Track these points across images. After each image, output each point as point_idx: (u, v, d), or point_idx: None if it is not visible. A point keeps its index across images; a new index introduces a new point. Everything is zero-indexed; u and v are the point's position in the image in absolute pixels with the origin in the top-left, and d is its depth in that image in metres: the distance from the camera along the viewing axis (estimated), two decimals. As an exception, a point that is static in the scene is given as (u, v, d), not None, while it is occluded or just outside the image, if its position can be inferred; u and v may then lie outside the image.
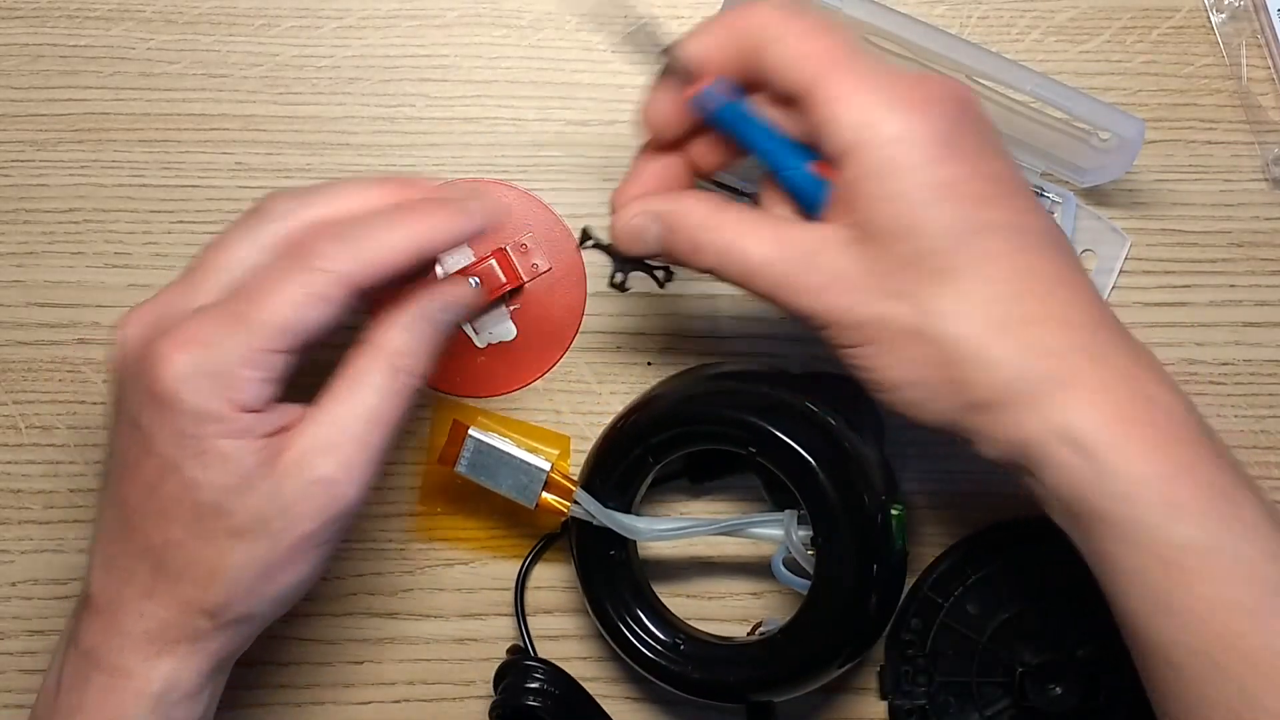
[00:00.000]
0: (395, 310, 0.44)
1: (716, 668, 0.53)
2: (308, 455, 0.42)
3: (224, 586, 0.42)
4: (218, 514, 0.41)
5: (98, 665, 0.43)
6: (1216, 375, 0.59)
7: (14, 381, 0.58)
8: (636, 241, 0.47)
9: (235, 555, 0.42)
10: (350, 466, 0.42)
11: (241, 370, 0.41)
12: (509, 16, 0.60)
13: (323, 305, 0.41)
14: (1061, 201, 0.59)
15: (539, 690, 0.54)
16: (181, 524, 0.42)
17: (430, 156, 0.59)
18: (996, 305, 0.41)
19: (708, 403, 0.53)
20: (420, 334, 0.44)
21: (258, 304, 0.41)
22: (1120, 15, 0.61)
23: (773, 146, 0.45)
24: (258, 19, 0.60)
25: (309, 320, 0.41)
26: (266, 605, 0.43)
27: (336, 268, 0.41)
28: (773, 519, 0.53)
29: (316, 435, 0.42)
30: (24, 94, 0.59)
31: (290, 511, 0.42)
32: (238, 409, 0.41)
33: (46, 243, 0.59)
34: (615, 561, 0.54)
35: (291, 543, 0.42)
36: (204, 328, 0.41)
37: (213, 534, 0.42)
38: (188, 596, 0.42)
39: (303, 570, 0.43)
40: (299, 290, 0.41)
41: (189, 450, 0.41)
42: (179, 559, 0.42)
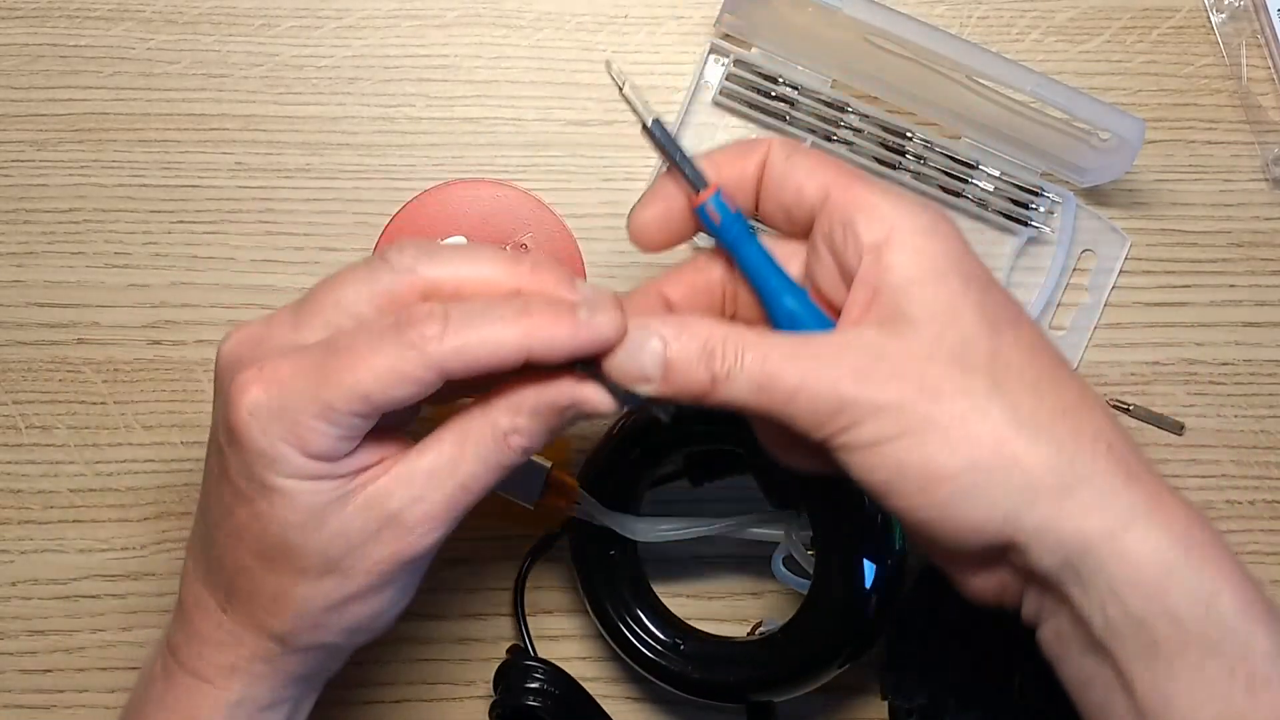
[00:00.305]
0: (530, 388, 0.41)
1: (716, 668, 0.53)
2: (388, 498, 0.40)
3: (290, 617, 0.41)
4: (285, 549, 0.40)
5: (182, 666, 0.43)
6: (1216, 375, 0.59)
7: (14, 381, 0.58)
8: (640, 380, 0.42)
9: (301, 589, 0.41)
10: (430, 519, 0.41)
11: (312, 422, 0.39)
12: (509, 16, 0.60)
13: (408, 384, 0.39)
14: (1061, 201, 0.59)
15: (539, 690, 0.54)
16: (251, 552, 0.41)
17: (430, 156, 0.59)
18: (1045, 390, 0.40)
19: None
20: (544, 423, 0.41)
21: (345, 364, 0.39)
22: (1120, 15, 0.61)
23: (773, 270, 0.43)
24: (258, 19, 0.60)
25: (390, 394, 0.39)
26: (338, 636, 0.43)
27: (433, 350, 0.38)
28: (773, 519, 0.53)
29: (404, 480, 0.40)
30: (24, 94, 0.59)
31: (360, 551, 0.40)
32: (306, 455, 0.39)
33: (46, 243, 0.59)
34: (615, 561, 0.54)
35: (362, 581, 0.41)
36: (287, 371, 0.39)
37: (279, 567, 0.41)
38: (258, 619, 0.42)
39: (375, 605, 0.42)
40: (388, 363, 0.38)
41: (256, 484, 0.40)
42: (248, 584, 0.42)
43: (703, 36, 0.60)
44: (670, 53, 0.60)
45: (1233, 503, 0.59)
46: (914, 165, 0.59)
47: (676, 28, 0.60)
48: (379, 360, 0.38)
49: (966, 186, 0.59)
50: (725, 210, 0.42)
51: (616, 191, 0.59)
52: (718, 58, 0.59)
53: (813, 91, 0.59)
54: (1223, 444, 0.59)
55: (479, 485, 0.41)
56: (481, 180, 0.59)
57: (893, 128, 0.59)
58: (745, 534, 0.53)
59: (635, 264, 0.59)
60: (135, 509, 0.58)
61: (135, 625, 0.57)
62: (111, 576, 0.58)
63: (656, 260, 0.59)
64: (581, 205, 0.59)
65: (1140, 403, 0.59)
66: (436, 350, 0.38)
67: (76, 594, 0.58)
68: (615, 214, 0.59)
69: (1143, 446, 0.59)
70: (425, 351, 0.38)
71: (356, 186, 0.59)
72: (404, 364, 0.38)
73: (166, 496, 0.58)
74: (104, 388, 0.58)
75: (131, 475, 0.58)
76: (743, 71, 0.59)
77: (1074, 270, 0.59)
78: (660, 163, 0.44)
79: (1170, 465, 0.59)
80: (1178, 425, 0.59)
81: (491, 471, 0.41)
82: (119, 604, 0.57)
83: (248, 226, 0.59)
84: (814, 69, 0.59)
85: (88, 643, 0.57)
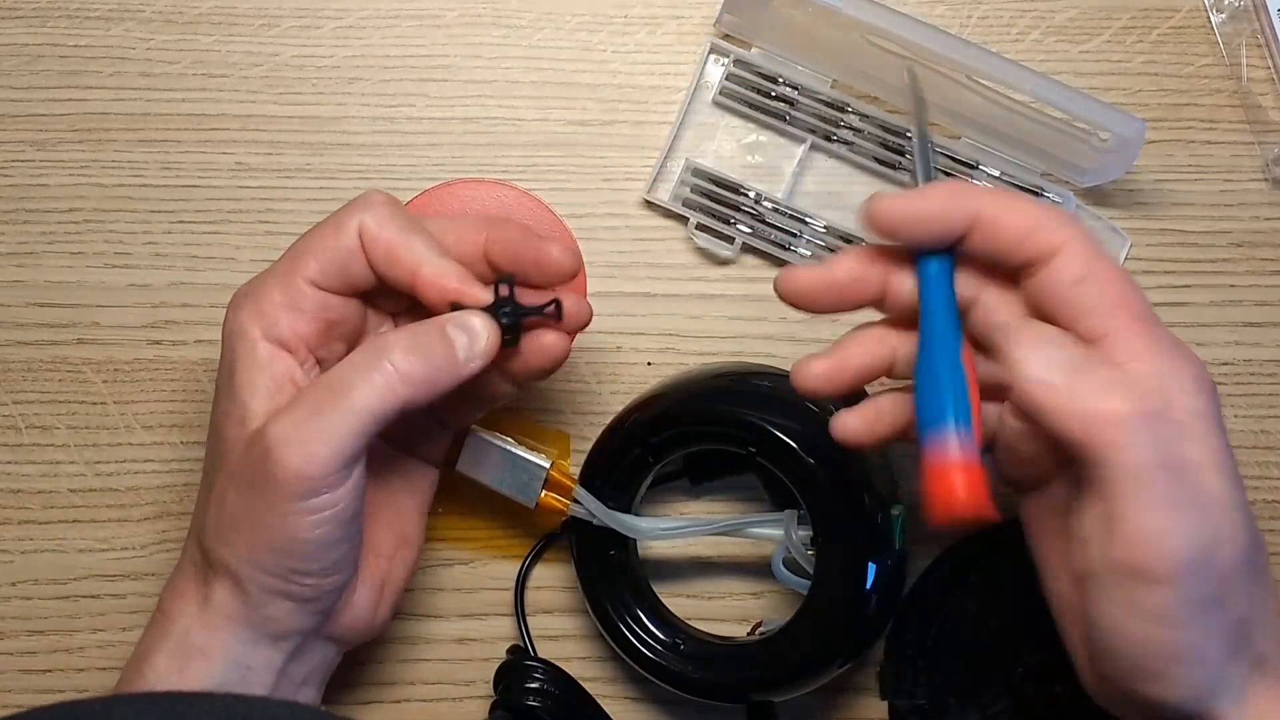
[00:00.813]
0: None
1: (716, 667, 0.53)
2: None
3: (212, 522, 0.46)
4: (220, 442, 0.47)
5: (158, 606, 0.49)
6: (1216, 375, 0.59)
7: (14, 381, 0.58)
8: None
9: (231, 495, 0.45)
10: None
11: (275, 297, 0.46)
12: (509, 16, 0.60)
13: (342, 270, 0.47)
14: (1061, 201, 0.59)
15: (539, 690, 0.54)
16: (211, 458, 0.48)
17: (430, 156, 0.59)
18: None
19: (708, 403, 0.53)
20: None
21: (302, 261, 0.47)
22: (1120, 15, 0.61)
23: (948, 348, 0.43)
24: (258, 19, 0.60)
25: (325, 272, 0.47)
26: (277, 573, 0.45)
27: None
28: (773, 519, 0.53)
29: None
30: (24, 94, 0.59)
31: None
32: (267, 339, 0.46)
33: (46, 243, 0.59)
34: (615, 561, 0.54)
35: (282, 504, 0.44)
36: (263, 276, 0.47)
37: (216, 465, 0.47)
38: (202, 539, 0.47)
39: (304, 543, 0.44)
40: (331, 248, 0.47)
41: (224, 369, 0.47)
42: (203, 501, 0.47)
43: (703, 36, 0.60)
44: (670, 53, 0.60)
45: (1233, 503, 0.59)
46: (914, 165, 0.59)
47: (676, 28, 0.60)
48: (322, 243, 0.46)
49: (966, 186, 0.59)
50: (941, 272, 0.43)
51: (616, 191, 0.59)
52: (718, 58, 0.59)
53: (813, 91, 0.59)
54: (1223, 444, 0.59)
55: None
56: (481, 180, 0.59)
57: (893, 128, 0.59)
58: (745, 534, 0.53)
59: (634, 264, 0.59)
60: (135, 509, 0.58)
61: (135, 625, 0.57)
62: (111, 576, 0.58)
63: (656, 260, 0.59)
64: (581, 205, 0.59)
65: (1140, 403, 0.59)
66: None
67: (76, 594, 0.58)
68: (615, 214, 0.59)
69: (1143, 446, 0.59)
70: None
71: (356, 186, 0.59)
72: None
73: (166, 496, 0.58)
74: (104, 388, 0.58)
75: (131, 475, 0.58)
76: (743, 71, 0.59)
77: (1074, 270, 0.59)
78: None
79: (1170, 465, 0.59)
80: (1178, 425, 0.59)
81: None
82: (119, 604, 0.57)
83: (248, 226, 0.59)
84: (814, 69, 0.59)
85: (88, 643, 0.57)
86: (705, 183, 0.58)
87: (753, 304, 0.59)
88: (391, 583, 0.49)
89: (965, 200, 0.42)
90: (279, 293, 0.46)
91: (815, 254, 0.58)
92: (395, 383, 0.44)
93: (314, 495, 0.43)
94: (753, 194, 0.58)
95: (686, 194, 0.58)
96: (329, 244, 0.46)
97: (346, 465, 0.43)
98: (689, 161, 0.59)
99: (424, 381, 0.44)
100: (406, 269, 0.46)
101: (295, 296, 0.46)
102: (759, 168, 0.59)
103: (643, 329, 0.59)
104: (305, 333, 0.46)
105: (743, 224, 0.58)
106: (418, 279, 0.46)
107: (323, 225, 0.47)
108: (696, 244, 0.59)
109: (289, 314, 0.46)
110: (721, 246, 0.58)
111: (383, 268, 0.46)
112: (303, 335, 0.46)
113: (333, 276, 0.46)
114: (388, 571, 0.49)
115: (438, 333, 0.45)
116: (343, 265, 0.46)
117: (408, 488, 0.51)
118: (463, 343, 0.45)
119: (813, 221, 0.58)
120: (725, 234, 0.58)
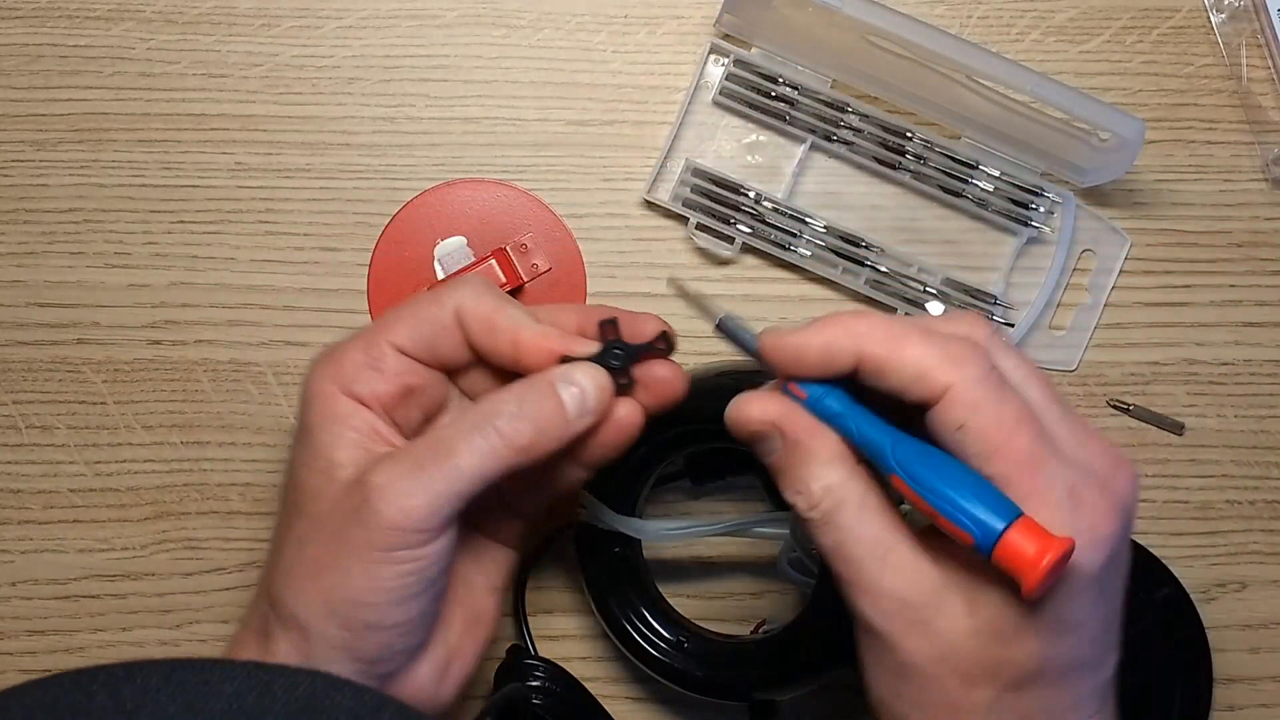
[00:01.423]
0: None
1: (720, 666, 0.53)
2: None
3: (280, 570, 0.45)
4: (296, 487, 0.46)
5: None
6: (1216, 375, 0.59)
7: (14, 381, 0.58)
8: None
9: (296, 532, 0.45)
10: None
11: (354, 355, 0.46)
12: (509, 16, 0.60)
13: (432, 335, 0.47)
14: (1061, 201, 0.59)
15: (539, 689, 0.54)
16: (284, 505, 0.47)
17: (430, 156, 0.59)
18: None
19: (709, 402, 0.53)
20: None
21: (385, 325, 0.47)
22: (1120, 15, 0.61)
23: (966, 484, 0.39)
24: (258, 19, 0.60)
25: (410, 342, 0.46)
26: (330, 618, 0.43)
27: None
28: (778, 518, 0.53)
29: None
30: (24, 94, 0.59)
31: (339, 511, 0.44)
32: (344, 392, 0.46)
33: (46, 243, 0.59)
34: (619, 560, 0.54)
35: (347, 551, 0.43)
36: (341, 341, 0.47)
37: (290, 513, 0.46)
38: (267, 577, 0.46)
39: (368, 593, 0.43)
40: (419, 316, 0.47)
41: (302, 430, 0.46)
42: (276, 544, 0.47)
43: (703, 36, 0.60)
44: (670, 53, 0.60)
45: (1233, 503, 0.59)
46: (914, 165, 0.59)
47: (676, 28, 0.60)
48: (415, 311, 0.46)
49: (966, 186, 0.59)
50: (819, 404, 0.42)
51: (616, 191, 0.59)
52: (718, 58, 0.59)
53: (813, 91, 0.59)
54: (1223, 444, 0.59)
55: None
56: (481, 180, 0.59)
57: (893, 128, 0.59)
58: (750, 533, 0.53)
59: (634, 264, 0.59)
60: (135, 509, 0.58)
61: (135, 625, 0.57)
62: (111, 576, 0.58)
63: (656, 259, 0.59)
64: (581, 205, 0.59)
65: (1140, 403, 0.59)
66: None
67: (76, 594, 0.58)
68: (615, 214, 0.59)
69: (1143, 446, 0.59)
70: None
71: (356, 186, 0.59)
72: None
73: (166, 496, 0.58)
74: (104, 388, 0.58)
75: (131, 475, 0.58)
76: (743, 71, 0.59)
77: (1074, 270, 0.59)
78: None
79: (1170, 465, 0.59)
80: (1178, 425, 0.59)
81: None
82: (119, 604, 0.57)
83: (248, 226, 0.59)
84: (814, 69, 0.59)
85: (88, 643, 0.57)
86: (705, 183, 0.58)
87: (753, 304, 0.59)
88: (460, 660, 0.47)
89: (848, 343, 0.41)
90: (360, 352, 0.46)
91: (815, 253, 0.58)
92: (500, 446, 0.43)
93: (404, 548, 0.42)
94: (753, 194, 0.58)
95: (686, 194, 0.58)
96: (422, 313, 0.46)
97: (442, 524, 0.42)
98: (689, 161, 0.59)
99: (530, 445, 0.43)
100: (508, 335, 0.45)
101: (377, 357, 0.45)
102: (759, 168, 0.59)
103: (643, 329, 0.59)
104: (382, 392, 0.45)
105: (743, 224, 0.58)
106: (520, 343, 0.45)
107: (418, 297, 0.47)
108: (696, 244, 0.59)
109: (368, 372, 0.45)
110: (721, 246, 0.58)
111: (482, 339, 0.46)
112: (379, 394, 0.45)
113: (419, 344, 0.46)
114: (456, 648, 0.47)
115: (546, 387, 0.44)
116: (431, 335, 0.46)
117: (479, 566, 0.49)
118: (572, 395, 0.44)
119: (813, 221, 0.58)
120: (725, 234, 0.58)
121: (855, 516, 0.41)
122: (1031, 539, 0.36)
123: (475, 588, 0.49)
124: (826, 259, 0.58)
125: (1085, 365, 0.59)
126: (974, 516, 0.37)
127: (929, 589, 0.40)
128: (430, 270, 0.58)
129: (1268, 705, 0.58)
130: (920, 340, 0.40)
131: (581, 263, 0.59)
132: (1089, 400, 0.59)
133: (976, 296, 0.58)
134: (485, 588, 0.49)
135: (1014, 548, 0.36)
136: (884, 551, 0.41)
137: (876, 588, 0.41)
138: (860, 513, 0.41)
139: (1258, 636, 0.58)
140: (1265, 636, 0.58)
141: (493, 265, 0.57)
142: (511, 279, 0.58)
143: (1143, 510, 0.58)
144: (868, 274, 0.58)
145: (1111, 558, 0.39)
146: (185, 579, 0.58)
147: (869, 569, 0.41)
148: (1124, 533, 0.40)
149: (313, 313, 0.59)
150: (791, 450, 0.42)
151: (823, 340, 0.41)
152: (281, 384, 0.58)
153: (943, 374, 0.39)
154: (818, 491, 0.41)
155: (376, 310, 0.58)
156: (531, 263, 0.58)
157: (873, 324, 0.41)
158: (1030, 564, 0.36)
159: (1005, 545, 0.36)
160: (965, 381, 0.39)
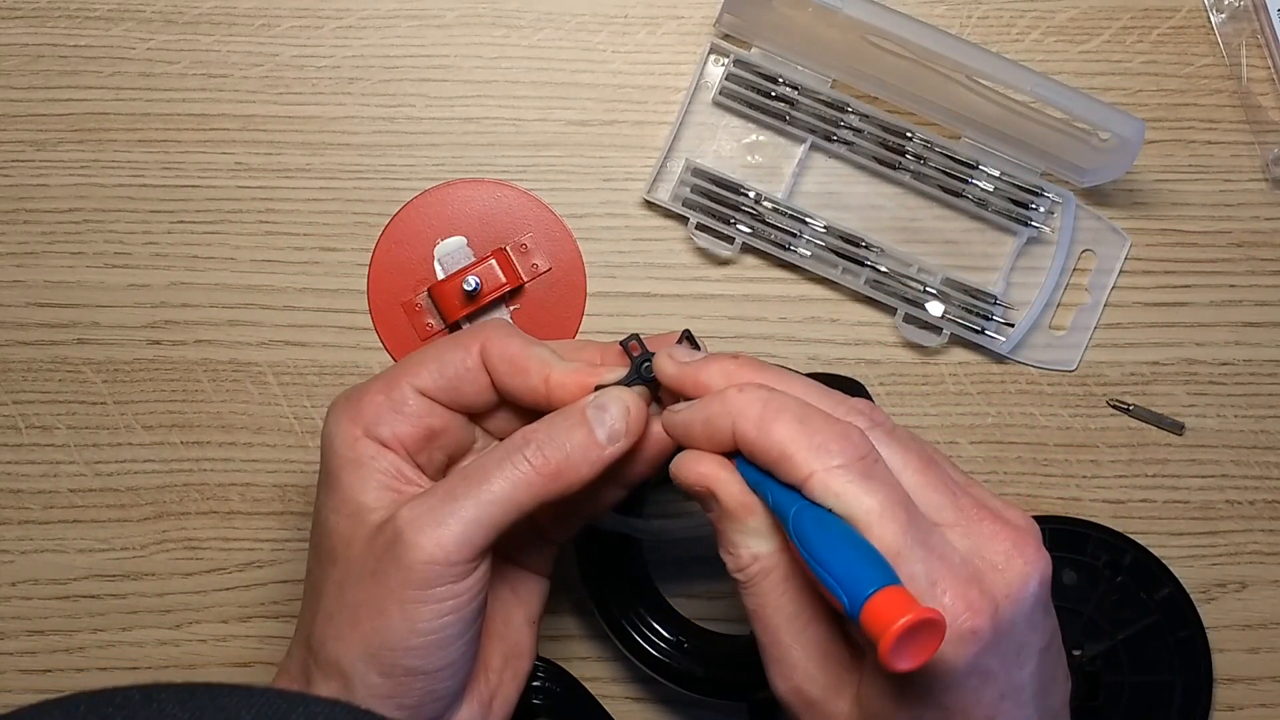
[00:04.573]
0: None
1: (720, 666, 0.53)
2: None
3: (316, 612, 0.45)
4: (325, 532, 0.46)
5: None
6: (1216, 375, 0.59)
7: (14, 381, 0.58)
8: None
9: (331, 579, 0.45)
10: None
11: (372, 397, 0.46)
12: (509, 16, 0.60)
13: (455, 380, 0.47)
14: (1061, 201, 0.59)
15: (540, 689, 0.54)
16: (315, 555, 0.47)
17: (430, 156, 0.59)
18: None
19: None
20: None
21: (407, 366, 0.47)
22: (1120, 15, 0.61)
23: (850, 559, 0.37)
24: (258, 19, 0.60)
25: (433, 385, 0.47)
26: (364, 660, 0.43)
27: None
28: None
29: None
30: (24, 94, 0.59)
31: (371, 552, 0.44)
32: (365, 434, 0.46)
33: (46, 243, 0.59)
34: (620, 560, 0.54)
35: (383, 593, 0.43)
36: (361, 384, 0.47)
37: (322, 558, 0.46)
38: (303, 621, 0.47)
39: (404, 636, 0.43)
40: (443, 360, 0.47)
41: (326, 470, 0.46)
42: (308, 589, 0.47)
43: (703, 36, 0.60)
44: (670, 53, 0.60)
45: (1233, 503, 0.59)
46: (914, 165, 0.59)
47: (676, 28, 0.60)
48: (438, 355, 0.46)
49: (966, 186, 0.59)
50: (743, 467, 0.42)
51: (616, 191, 0.59)
52: (718, 58, 0.59)
53: (813, 91, 0.59)
54: (1223, 444, 0.59)
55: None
56: (481, 180, 0.59)
57: (893, 128, 0.59)
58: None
59: (634, 264, 0.59)
60: (135, 509, 0.58)
61: (135, 625, 0.57)
62: (111, 576, 0.58)
63: (656, 259, 0.59)
64: (581, 205, 0.59)
65: (1140, 403, 0.59)
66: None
67: (76, 594, 0.58)
68: (615, 214, 0.59)
69: (1143, 446, 0.59)
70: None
71: (356, 186, 0.59)
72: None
73: (166, 496, 0.58)
74: (104, 388, 0.58)
75: (131, 475, 0.58)
76: (743, 71, 0.59)
77: (1074, 270, 0.59)
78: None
79: (1170, 465, 0.59)
80: (1178, 425, 0.59)
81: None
82: (119, 604, 0.57)
83: (248, 226, 0.59)
84: (814, 69, 0.59)
85: (88, 643, 0.57)
86: (705, 183, 0.58)
87: (753, 304, 0.59)
88: (501, 698, 0.47)
89: (724, 421, 0.41)
90: (381, 394, 0.45)
91: (815, 253, 0.58)
92: (530, 474, 0.43)
93: (440, 584, 0.42)
94: (753, 194, 0.58)
95: (686, 194, 0.58)
96: (445, 356, 0.46)
97: (476, 556, 0.42)
98: (689, 161, 0.59)
99: (559, 472, 0.43)
100: (538, 374, 0.45)
101: (399, 400, 0.45)
102: (759, 168, 0.59)
103: (643, 329, 0.59)
104: (404, 434, 0.45)
105: (743, 224, 0.58)
106: (551, 382, 0.45)
107: (440, 341, 0.47)
108: (696, 244, 0.59)
109: (390, 414, 0.45)
110: (721, 246, 0.58)
111: (509, 380, 0.46)
112: (401, 437, 0.45)
113: (442, 387, 0.46)
114: (497, 686, 0.47)
115: (577, 416, 0.44)
116: (455, 379, 0.46)
117: (515, 598, 0.49)
118: (603, 423, 0.44)
119: (812, 221, 0.58)
120: (725, 234, 0.58)
121: (778, 588, 0.41)
122: (895, 605, 0.35)
123: (513, 622, 0.49)
124: (826, 259, 0.58)
125: (1085, 365, 0.59)
126: (844, 582, 0.37)
127: (833, 671, 0.41)
128: (430, 270, 0.58)
129: (1268, 705, 0.58)
130: (790, 422, 0.40)
131: (581, 263, 0.59)
132: (1089, 400, 0.59)
133: (976, 296, 0.58)
134: (523, 620, 0.49)
135: (875, 611, 0.35)
136: (800, 627, 0.41)
137: (787, 659, 0.41)
138: (783, 584, 0.41)
139: (1258, 636, 0.58)
140: (1265, 636, 0.58)
141: (492, 265, 0.57)
142: (511, 279, 0.58)
143: (1143, 510, 0.59)
144: (868, 274, 0.58)
145: (983, 651, 0.38)
146: (185, 579, 0.58)
147: (783, 640, 0.41)
148: (1000, 626, 0.38)
149: (313, 313, 0.59)
150: (723, 517, 0.42)
151: (704, 417, 0.42)
152: (281, 384, 0.58)
153: (803, 461, 0.39)
154: (745, 557, 0.42)
155: (376, 310, 0.58)
156: (531, 263, 0.58)
157: (749, 400, 0.41)
158: (884, 626, 0.35)
159: (868, 609, 0.36)
160: (827, 470, 0.39)
